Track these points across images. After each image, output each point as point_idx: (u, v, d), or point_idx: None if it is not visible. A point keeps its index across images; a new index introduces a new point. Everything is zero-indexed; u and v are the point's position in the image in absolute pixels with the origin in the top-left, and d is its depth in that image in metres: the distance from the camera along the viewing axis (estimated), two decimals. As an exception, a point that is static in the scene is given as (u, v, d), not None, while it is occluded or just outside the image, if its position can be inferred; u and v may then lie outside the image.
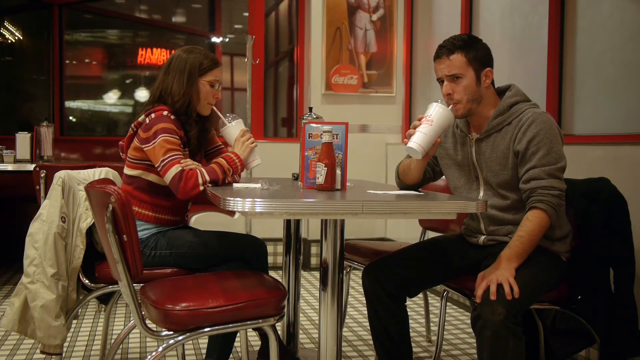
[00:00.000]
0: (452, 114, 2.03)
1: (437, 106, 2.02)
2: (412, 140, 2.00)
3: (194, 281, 2.01)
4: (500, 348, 1.76)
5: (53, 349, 2.28)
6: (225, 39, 6.57)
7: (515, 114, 2.07)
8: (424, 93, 4.78)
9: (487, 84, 2.09)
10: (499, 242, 2.13)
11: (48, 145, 4.07)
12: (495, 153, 2.09)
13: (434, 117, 1.99)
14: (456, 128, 2.24)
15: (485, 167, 2.12)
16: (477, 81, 2.07)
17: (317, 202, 1.72)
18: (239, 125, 2.40)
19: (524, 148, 2.01)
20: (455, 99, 2.07)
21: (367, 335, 3.19)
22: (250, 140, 2.37)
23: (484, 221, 2.17)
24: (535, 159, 1.98)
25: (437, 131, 2.00)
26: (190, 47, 2.40)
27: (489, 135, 2.11)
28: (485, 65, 2.09)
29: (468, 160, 2.18)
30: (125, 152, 2.36)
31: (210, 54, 2.39)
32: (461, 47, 2.06)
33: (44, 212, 2.30)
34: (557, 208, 1.97)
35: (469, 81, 2.06)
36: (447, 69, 2.06)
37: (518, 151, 2.02)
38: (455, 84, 2.06)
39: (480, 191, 2.16)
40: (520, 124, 2.03)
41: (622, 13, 2.81)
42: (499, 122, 2.09)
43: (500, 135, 2.08)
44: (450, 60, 2.06)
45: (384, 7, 4.95)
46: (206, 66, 2.35)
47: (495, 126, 2.09)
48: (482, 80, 2.08)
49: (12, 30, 5.80)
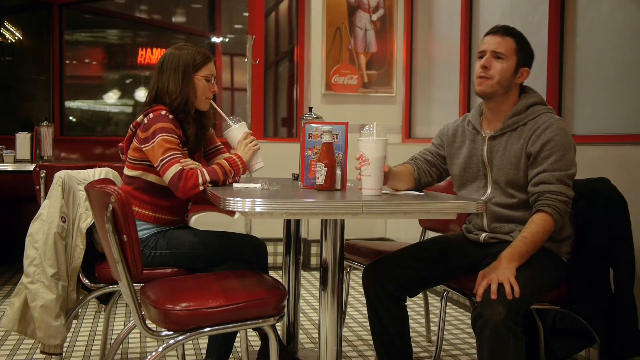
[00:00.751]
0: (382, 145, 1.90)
1: (367, 143, 1.90)
2: (365, 188, 1.91)
3: (194, 281, 2.01)
4: (500, 348, 1.76)
5: (53, 349, 2.28)
6: (225, 39, 6.57)
7: (532, 116, 2.09)
8: (424, 93, 4.78)
9: (519, 80, 2.14)
10: (499, 241, 2.13)
11: (48, 145, 4.07)
12: (507, 152, 2.10)
13: (368, 156, 1.89)
14: (467, 125, 2.25)
15: (496, 165, 2.13)
16: (514, 72, 2.11)
17: (317, 202, 1.72)
18: (242, 128, 2.40)
19: (536, 151, 2.02)
20: (489, 74, 2.10)
21: (367, 335, 3.19)
22: (254, 143, 2.37)
23: (487, 217, 2.17)
24: (547, 163, 2.00)
25: (379, 164, 1.90)
26: (180, 44, 2.39)
27: (503, 134, 2.13)
28: (527, 64, 2.14)
29: (477, 157, 2.18)
30: (125, 154, 2.36)
31: (201, 49, 2.39)
32: (517, 35, 2.13)
33: (44, 212, 2.30)
34: (563, 214, 1.98)
35: (509, 66, 2.10)
36: (497, 45, 2.10)
37: (530, 153, 2.04)
38: (495, 61, 2.10)
39: (487, 189, 2.17)
40: (536, 126, 2.06)
41: (622, 13, 2.81)
42: (515, 121, 2.11)
43: (515, 134, 2.10)
44: (504, 40, 2.11)
45: (384, 7, 4.95)
46: (199, 61, 2.35)
47: (510, 125, 2.11)
48: (518, 74, 2.12)
49: (12, 30, 5.80)
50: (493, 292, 1.82)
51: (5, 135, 4.32)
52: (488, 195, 2.15)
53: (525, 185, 2.08)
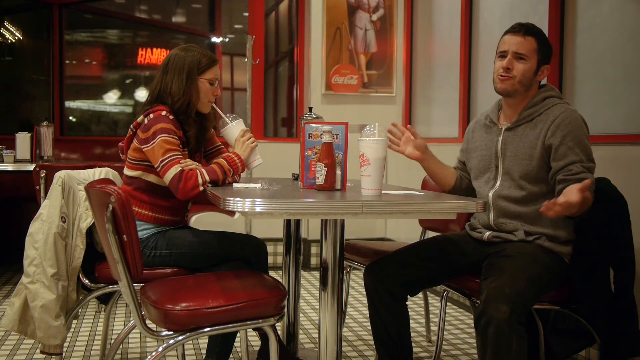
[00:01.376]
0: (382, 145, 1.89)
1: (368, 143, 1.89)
2: (365, 188, 1.90)
3: (194, 281, 2.01)
4: (503, 346, 1.76)
5: (53, 349, 2.28)
6: (225, 39, 6.57)
7: (547, 106, 2.14)
8: (424, 93, 4.77)
9: (540, 78, 2.17)
10: (503, 240, 2.13)
11: (48, 145, 4.07)
12: (522, 142, 2.14)
13: (368, 156, 1.88)
14: (485, 119, 2.30)
15: (510, 156, 2.16)
16: (535, 71, 2.14)
17: (317, 202, 1.72)
18: (239, 125, 2.40)
19: (558, 142, 2.05)
20: (512, 74, 2.13)
21: (367, 335, 3.19)
22: (251, 140, 2.37)
23: (494, 211, 2.19)
24: (574, 154, 2.03)
25: (379, 165, 1.89)
26: (186, 45, 2.39)
27: (519, 125, 2.17)
28: (547, 62, 2.17)
29: (492, 149, 2.22)
30: (125, 153, 2.36)
31: (207, 52, 2.38)
32: (538, 34, 2.14)
33: (44, 212, 2.30)
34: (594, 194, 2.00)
35: (531, 66, 2.13)
36: (518, 45, 2.12)
37: (550, 145, 2.07)
38: (517, 62, 2.13)
39: (497, 180, 2.19)
40: (553, 116, 2.09)
41: (622, 13, 2.81)
42: (530, 112, 2.15)
43: (530, 125, 2.14)
44: (525, 40, 2.12)
45: (384, 7, 4.95)
46: (204, 64, 2.34)
47: (526, 117, 2.15)
48: (539, 73, 2.16)
49: (12, 30, 5.80)
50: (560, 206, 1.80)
51: (5, 135, 4.32)
52: (497, 188, 2.17)
53: (537, 176, 2.10)
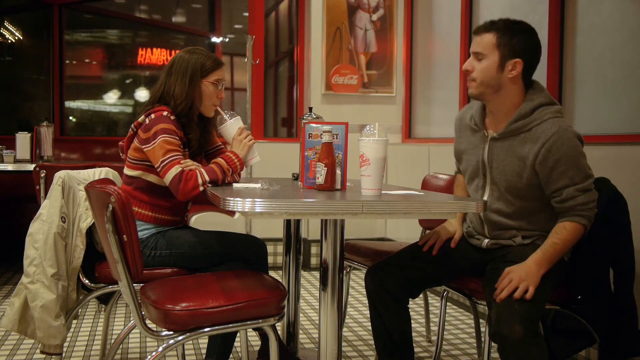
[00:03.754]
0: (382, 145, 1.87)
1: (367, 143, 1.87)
2: (365, 188, 1.89)
3: (194, 281, 2.01)
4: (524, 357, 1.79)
5: (53, 349, 2.28)
6: (225, 39, 6.57)
7: (537, 121, 2.00)
8: (423, 93, 4.78)
9: (512, 74, 2.01)
10: (502, 246, 2.13)
11: (48, 145, 4.07)
12: (509, 157, 2.04)
13: (368, 156, 1.87)
14: (470, 120, 2.20)
15: (497, 168, 2.08)
16: (500, 68, 2.00)
17: (317, 202, 1.72)
18: (236, 123, 2.39)
19: (549, 167, 1.96)
20: (472, 77, 2.05)
21: (367, 335, 3.19)
22: (248, 138, 2.36)
23: (487, 225, 2.16)
24: (567, 178, 1.96)
25: (379, 165, 1.88)
26: (192, 48, 2.39)
27: (506, 138, 2.06)
28: (517, 56, 2.00)
29: (478, 155, 2.14)
30: (125, 153, 2.36)
31: (212, 55, 2.38)
32: (499, 28, 2.01)
33: (44, 212, 2.30)
34: (594, 218, 1.99)
35: (490, 64, 2.01)
36: (475, 45, 2.05)
37: (541, 170, 1.98)
38: (477, 62, 2.04)
39: (485, 189, 2.14)
40: (544, 138, 1.96)
41: (622, 13, 2.81)
42: (518, 126, 2.02)
43: (517, 140, 2.02)
44: (481, 38, 2.04)
45: (384, 7, 4.95)
46: (209, 67, 2.34)
47: (514, 130, 2.03)
48: (507, 69, 2.00)
49: (12, 30, 5.80)
50: (518, 294, 1.83)
51: (5, 135, 4.32)
52: (487, 199, 2.14)
53: (525, 194, 2.05)
